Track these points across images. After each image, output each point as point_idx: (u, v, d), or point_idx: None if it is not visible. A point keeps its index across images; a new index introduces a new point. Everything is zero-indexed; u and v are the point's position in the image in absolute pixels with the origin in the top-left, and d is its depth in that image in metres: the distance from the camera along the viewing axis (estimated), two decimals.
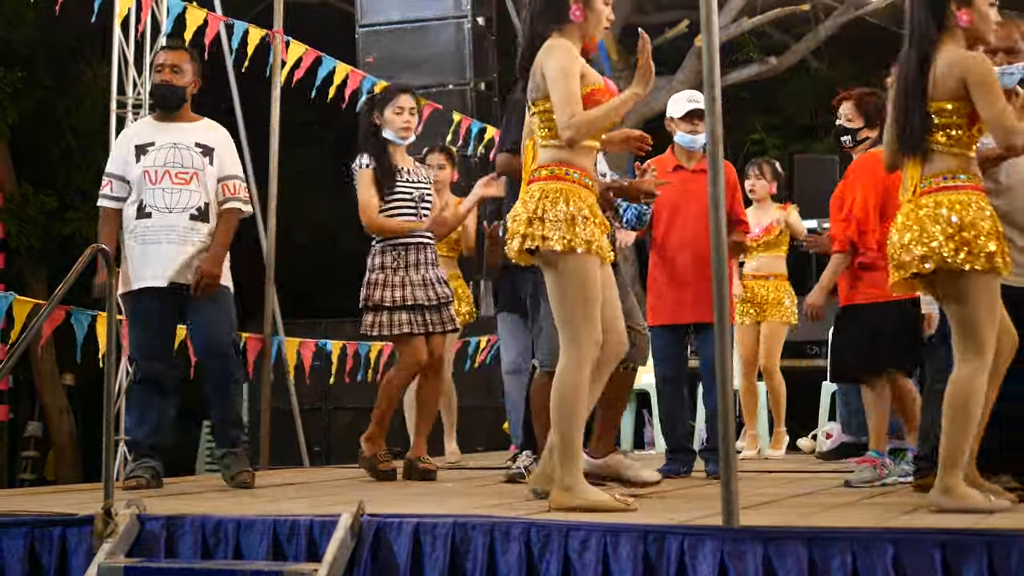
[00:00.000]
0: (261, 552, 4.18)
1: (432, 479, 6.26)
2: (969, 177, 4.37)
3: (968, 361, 4.32)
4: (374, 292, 6.28)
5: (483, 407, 10.51)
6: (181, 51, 6.04)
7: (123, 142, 5.97)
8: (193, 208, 5.79)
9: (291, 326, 9.03)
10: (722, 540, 3.80)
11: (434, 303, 6.32)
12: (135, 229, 5.80)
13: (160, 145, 5.84)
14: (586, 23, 4.62)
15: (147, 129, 5.99)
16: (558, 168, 4.52)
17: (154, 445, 5.80)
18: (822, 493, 5.49)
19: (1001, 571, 3.60)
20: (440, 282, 6.38)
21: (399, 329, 6.26)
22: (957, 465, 4.34)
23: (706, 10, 4.01)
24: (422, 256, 6.33)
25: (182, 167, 5.81)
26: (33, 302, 6.60)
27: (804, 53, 13.99)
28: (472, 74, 11.01)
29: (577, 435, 4.47)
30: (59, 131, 13.93)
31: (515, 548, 3.97)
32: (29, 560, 4.35)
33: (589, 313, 4.45)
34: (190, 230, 5.78)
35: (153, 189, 5.77)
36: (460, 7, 11.05)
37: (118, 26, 7.78)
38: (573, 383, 4.44)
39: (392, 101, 6.38)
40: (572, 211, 4.43)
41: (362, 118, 6.50)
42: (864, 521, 4.19)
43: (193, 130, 5.94)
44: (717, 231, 3.98)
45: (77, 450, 14.16)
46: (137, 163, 5.81)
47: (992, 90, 4.32)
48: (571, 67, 4.48)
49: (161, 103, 5.99)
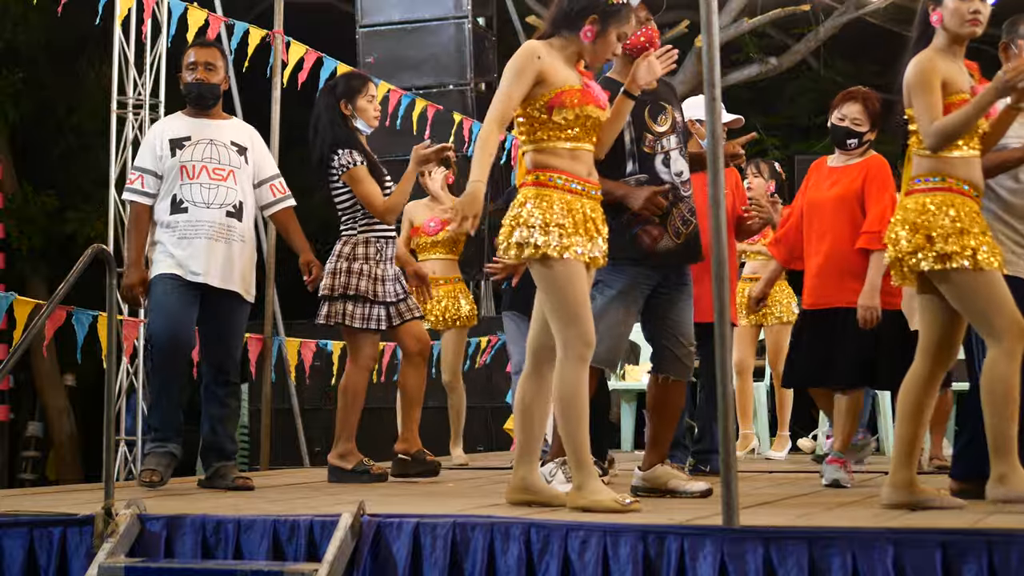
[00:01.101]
0: (261, 552, 4.18)
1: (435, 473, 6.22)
2: (943, 179, 4.42)
3: (992, 349, 4.36)
4: (360, 282, 6.09)
5: (483, 407, 10.51)
6: (213, 48, 5.99)
7: (155, 136, 5.89)
8: (230, 205, 5.77)
9: (291, 326, 9.03)
10: (722, 540, 3.80)
11: (401, 296, 6.22)
12: (169, 223, 5.74)
13: (197, 140, 5.80)
14: (591, 47, 4.61)
15: (180, 124, 5.91)
16: (542, 173, 4.53)
17: (172, 427, 5.69)
18: (822, 493, 5.49)
19: (1002, 571, 3.60)
20: (401, 275, 6.32)
21: (376, 324, 6.12)
22: (1009, 453, 4.34)
23: (706, 10, 4.01)
24: (391, 250, 6.24)
25: (219, 164, 5.79)
26: (34, 302, 6.59)
27: (804, 53, 14.01)
28: (472, 74, 11.01)
29: (582, 436, 4.48)
30: (60, 132, 13.96)
31: (515, 548, 3.97)
32: (29, 560, 4.35)
33: (574, 314, 4.46)
34: (228, 228, 5.75)
35: (191, 184, 5.73)
36: (460, 7, 11.05)
37: (119, 27, 7.79)
38: (571, 385, 4.46)
39: (363, 91, 6.24)
40: (546, 217, 4.44)
41: (326, 108, 6.22)
42: (864, 521, 4.19)
43: (227, 128, 5.93)
44: (717, 231, 3.98)
45: (77, 450, 14.19)
46: (172, 157, 5.76)
47: (917, 91, 4.41)
48: (520, 67, 4.50)
49: (198, 101, 5.89)
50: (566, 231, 4.44)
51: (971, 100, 4.41)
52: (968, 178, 4.45)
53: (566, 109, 4.51)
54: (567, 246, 4.43)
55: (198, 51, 5.93)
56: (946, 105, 4.42)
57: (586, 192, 4.54)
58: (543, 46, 4.58)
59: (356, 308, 6.09)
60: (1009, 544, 3.63)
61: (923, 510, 4.42)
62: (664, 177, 5.16)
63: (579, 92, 4.54)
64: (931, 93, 4.40)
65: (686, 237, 5.17)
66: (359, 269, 6.11)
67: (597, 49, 4.62)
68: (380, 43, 11.14)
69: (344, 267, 6.11)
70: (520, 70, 4.50)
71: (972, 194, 4.46)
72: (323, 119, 6.20)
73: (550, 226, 4.43)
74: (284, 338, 8.34)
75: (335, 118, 6.17)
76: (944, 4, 4.50)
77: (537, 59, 4.52)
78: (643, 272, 5.14)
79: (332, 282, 6.09)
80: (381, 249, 6.18)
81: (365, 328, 6.10)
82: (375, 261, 6.15)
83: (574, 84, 4.56)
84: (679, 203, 5.17)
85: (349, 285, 6.07)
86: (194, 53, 5.92)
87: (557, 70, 4.55)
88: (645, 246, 5.11)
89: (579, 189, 4.52)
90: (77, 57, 13.82)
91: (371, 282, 6.11)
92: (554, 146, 4.53)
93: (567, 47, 4.62)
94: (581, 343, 4.46)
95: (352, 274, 6.09)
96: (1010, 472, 4.33)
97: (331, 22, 12.64)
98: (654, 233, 5.11)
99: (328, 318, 6.11)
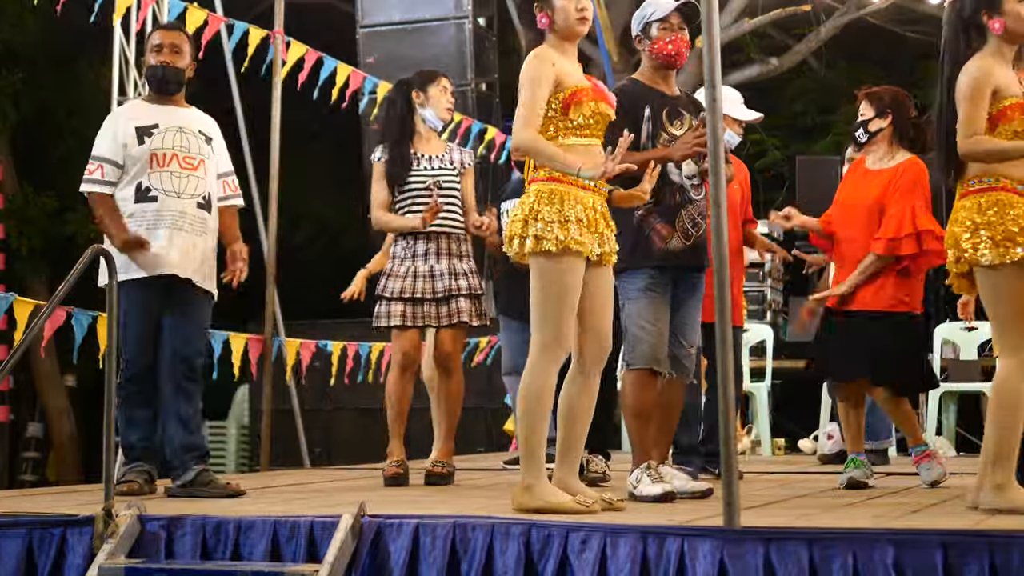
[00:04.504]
0: (261, 553, 4.18)
1: (440, 484, 6.04)
2: (996, 179, 4.42)
3: (1006, 359, 4.36)
4: (381, 281, 6.17)
5: (483, 407, 10.51)
6: (179, 31, 5.77)
7: (117, 124, 5.59)
8: (200, 196, 5.54)
9: (291, 326, 9.03)
10: (722, 541, 3.80)
11: (440, 295, 6.08)
12: (134, 213, 5.46)
13: (165, 128, 5.54)
14: (556, 24, 4.63)
15: (144, 111, 5.63)
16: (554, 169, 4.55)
17: (147, 448, 5.53)
18: (823, 494, 5.49)
19: (1003, 572, 3.60)
20: (454, 274, 6.11)
21: (390, 321, 6.08)
22: (1009, 462, 4.35)
23: (707, 10, 4.02)
24: (433, 246, 6.11)
25: (189, 152, 5.55)
26: (34, 303, 6.58)
27: (805, 54, 13.98)
28: (473, 75, 11.02)
29: (540, 435, 4.50)
30: (60, 132, 13.95)
31: (515, 548, 3.97)
32: (29, 561, 4.34)
33: (561, 313, 4.47)
34: (199, 220, 5.52)
35: (160, 172, 5.47)
36: (461, 8, 11.05)
37: (119, 27, 7.78)
38: (539, 385, 4.48)
39: (435, 81, 6.26)
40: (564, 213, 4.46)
41: (393, 100, 6.26)
42: (865, 522, 4.19)
43: (193, 117, 5.69)
44: (718, 231, 3.98)
45: (78, 451, 14.17)
46: (140, 145, 5.48)
47: (964, 99, 4.39)
48: (538, 76, 4.55)
49: (161, 86, 5.62)
50: (578, 225, 4.47)
51: (1017, 142, 4.38)
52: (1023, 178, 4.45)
53: (582, 106, 4.56)
54: (575, 239, 4.46)
55: (164, 34, 5.68)
56: (1001, 110, 4.40)
57: (596, 188, 4.58)
58: (553, 52, 4.63)
59: (378, 308, 6.14)
60: (1010, 545, 3.62)
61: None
62: (674, 178, 5.19)
63: (591, 90, 4.61)
64: (977, 105, 4.38)
65: (695, 239, 5.18)
66: (386, 269, 6.20)
67: (561, 23, 4.63)
68: (380, 43, 11.14)
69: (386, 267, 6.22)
70: (541, 77, 4.55)
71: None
72: (386, 112, 6.29)
73: (562, 219, 4.46)
74: (284, 339, 8.33)
75: (402, 108, 6.21)
76: (1005, 11, 4.43)
77: (552, 65, 4.58)
78: (658, 273, 5.15)
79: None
80: (408, 247, 6.13)
81: (386, 326, 6.12)
82: (399, 260, 6.15)
83: (585, 84, 4.63)
84: (688, 205, 5.19)
85: (378, 287, 6.17)
86: (159, 36, 5.66)
87: (568, 72, 4.61)
88: (656, 245, 5.13)
89: (591, 185, 4.55)
90: (76, 58, 13.82)
91: (391, 280, 6.12)
92: (567, 142, 4.57)
93: (558, 45, 4.65)
94: (556, 345, 4.49)
95: (382, 275, 6.21)
96: (1007, 483, 4.35)
97: (331, 22, 12.63)
98: (663, 232, 5.15)
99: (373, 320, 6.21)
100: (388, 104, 6.34)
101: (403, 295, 6.09)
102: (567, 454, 4.63)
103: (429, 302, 6.09)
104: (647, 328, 5.09)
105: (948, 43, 4.54)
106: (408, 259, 6.13)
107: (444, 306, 6.10)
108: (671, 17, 5.23)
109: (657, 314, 5.13)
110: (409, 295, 6.08)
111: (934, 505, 4.89)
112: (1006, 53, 4.49)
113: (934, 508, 4.77)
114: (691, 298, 5.26)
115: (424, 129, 6.26)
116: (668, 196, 5.16)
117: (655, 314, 5.12)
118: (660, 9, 5.26)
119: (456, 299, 6.10)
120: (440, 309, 6.10)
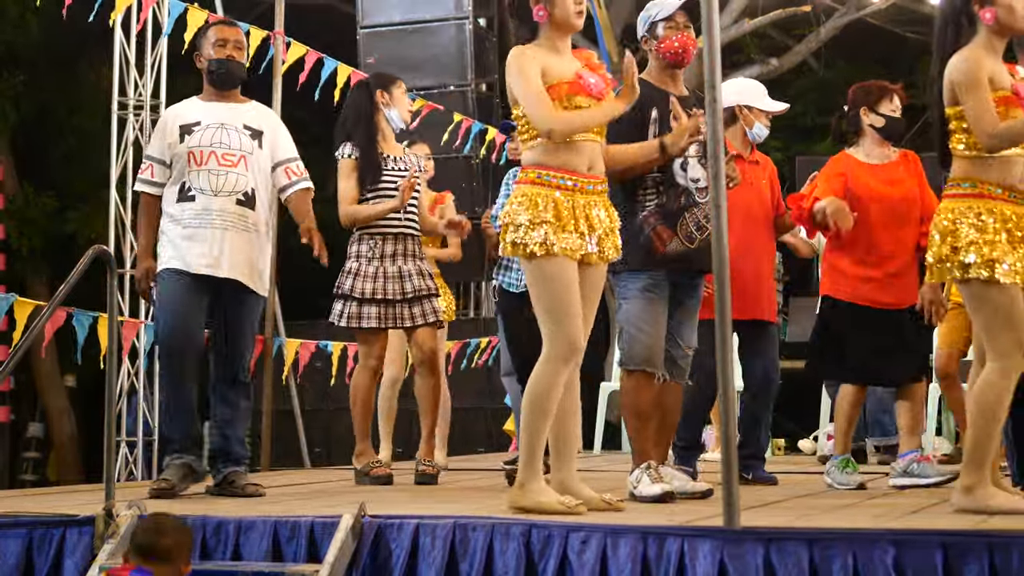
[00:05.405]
0: (261, 553, 4.18)
1: (429, 483, 6.10)
2: (973, 184, 4.37)
3: (991, 363, 4.34)
4: (345, 280, 6.12)
5: (483, 407, 10.51)
6: (239, 28, 5.76)
7: (166, 122, 5.60)
8: (240, 193, 5.44)
9: (291, 327, 9.03)
10: (722, 541, 3.80)
11: (410, 296, 6.11)
12: (176, 214, 5.43)
13: (206, 124, 5.49)
14: (554, 17, 4.60)
15: (192, 109, 5.60)
16: (532, 171, 4.53)
17: (187, 438, 5.38)
18: (823, 494, 5.49)
19: (1003, 572, 3.60)
20: (421, 274, 6.15)
21: (366, 323, 6.07)
22: (981, 466, 4.34)
23: (707, 11, 4.01)
24: (400, 247, 6.14)
25: (229, 148, 5.46)
26: (34, 303, 6.58)
27: (805, 54, 13.99)
28: (473, 75, 11.00)
29: (541, 436, 4.49)
30: (60, 133, 13.96)
31: (515, 548, 3.97)
32: (29, 561, 4.35)
33: (563, 313, 4.46)
34: (239, 216, 5.43)
35: (198, 171, 5.41)
36: (461, 8, 11.04)
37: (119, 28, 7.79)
38: (546, 385, 4.46)
39: (396, 83, 6.30)
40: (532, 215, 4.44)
41: (357, 99, 6.26)
42: (865, 522, 4.19)
43: (242, 111, 5.61)
44: (718, 231, 3.98)
45: (78, 451, 14.18)
46: (181, 143, 5.45)
47: (971, 89, 4.30)
48: (523, 65, 4.51)
49: (225, 80, 5.57)
50: (552, 227, 4.43)
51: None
52: (1003, 182, 4.37)
53: (562, 100, 4.52)
54: (553, 242, 4.43)
55: (228, 29, 5.66)
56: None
57: (580, 188, 4.53)
58: (538, 49, 4.61)
59: (346, 307, 6.10)
60: (1010, 545, 3.62)
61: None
62: (679, 180, 5.16)
63: (567, 84, 4.55)
64: (983, 90, 4.29)
65: (700, 242, 5.15)
66: (349, 268, 6.15)
67: (559, 15, 4.60)
68: (381, 44, 11.13)
69: (345, 266, 6.15)
70: (527, 65, 4.51)
71: (1006, 197, 4.37)
72: (349, 110, 6.27)
73: (535, 223, 4.44)
74: (284, 339, 8.33)
75: (365, 108, 6.21)
76: (999, 2, 4.36)
77: (532, 58, 4.54)
78: (658, 275, 5.14)
79: (337, 281, 6.16)
80: (375, 246, 6.13)
81: (357, 327, 6.10)
82: (367, 259, 6.13)
83: (564, 78, 4.56)
84: (693, 207, 5.17)
85: (341, 285, 6.12)
86: (223, 31, 5.63)
87: (551, 65, 4.56)
88: (656, 248, 5.11)
89: (570, 185, 4.51)
90: (77, 59, 13.82)
91: (359, 280, 6.09)
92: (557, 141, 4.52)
93: (551, 40, 4.62)
94: (565, 343, 4.46)
95: (343, 272, 6.15)
96: (979, 485, 4.35)
97: (332, 23, 12.63)
98: (664, 236, 5.12)
99: (331, 316, 6.16)
100: (353, 103, 6.30)
101: (375, 296, 6.09)
102: (560, 454, 4.64)
103: (400, 303, 6.11)
104: (644, 330, 5.09)
105: (938, 33, 4.46)
106: (376, 259, 6.13)
107: (417, 306, 6.14)
108: (677, 15, 5.23)
109: (655, 316, 5.12)
110: (381, 296, 6.09)
111: (934, 505, 4.89)
112: (996, 46, 4.41)
113: (934, 508, 4.77)
114: (690, 300, 5.25)
115: (388, 130, 6.29)
116: (672, 199, 5.14)
117: (653, 316, 5.11)
118: (665, 8, 5.26)
119: (428, 299, 6.16)
120: (414, 309, 6.13)
